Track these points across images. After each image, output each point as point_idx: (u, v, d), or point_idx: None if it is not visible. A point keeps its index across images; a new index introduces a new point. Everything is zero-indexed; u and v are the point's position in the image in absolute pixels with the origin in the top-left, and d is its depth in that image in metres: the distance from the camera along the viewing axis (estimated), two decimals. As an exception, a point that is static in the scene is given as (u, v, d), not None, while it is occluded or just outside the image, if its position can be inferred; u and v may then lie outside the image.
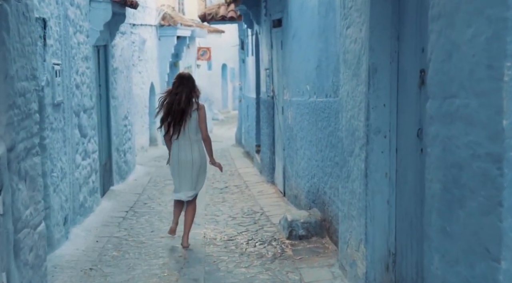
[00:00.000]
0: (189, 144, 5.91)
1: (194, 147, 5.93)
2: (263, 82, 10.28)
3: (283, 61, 8.06)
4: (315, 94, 6.21)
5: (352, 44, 4.31)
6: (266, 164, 9.97)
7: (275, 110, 9.15)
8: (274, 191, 8.97)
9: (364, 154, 4.07)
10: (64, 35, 6.37)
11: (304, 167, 6.84)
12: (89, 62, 7.70)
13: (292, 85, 7.47)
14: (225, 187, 9.82)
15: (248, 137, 13.47)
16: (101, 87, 8.94)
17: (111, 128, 9.50)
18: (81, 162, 7.15)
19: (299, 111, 7.00)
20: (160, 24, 17.27)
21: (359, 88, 4.16)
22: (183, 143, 5.91)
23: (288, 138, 7.89)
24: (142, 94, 15.53)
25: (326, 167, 5.78)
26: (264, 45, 9.82)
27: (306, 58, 6.59)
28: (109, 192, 9.09)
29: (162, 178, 10.98)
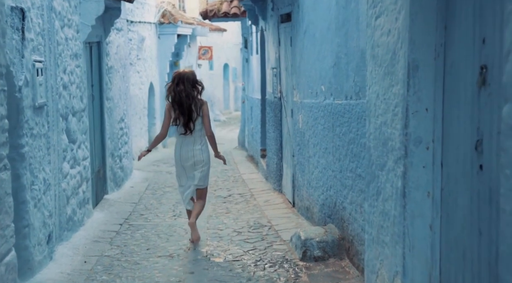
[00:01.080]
0: (192, 139, 6.01)
1: (197, 142, 6.03)
2: (269, 82, 9.56)
3: (293, 59, 7.34)
4: (331, 95, 5.48)
5: (384, 36, 3.59)
6: (273, 170, 9.25)
7: (282, 112, 8.43)
8: (282, 200, 8.25)
9: (401, 168, 3.35)
10: (48, 29, 5.66)
11: (318, 177, 6.12)
12: (79, 60, 6.98)
13: (303, 85, 6.75)
14: (228, 195, 9.10)
15: (252, 141, 12.75)
16: (93, 87, 8.22)
17: (105, 132, 8.79)
18: (70, 170, 6.43)
19: (312, 114, 6.28)
20: (160, 22, 16.55)
21: (393, 89, 3.44)
22: (187, 138, 6.02)
23: (298, 144, 7.17)
24: (140, 94, 14.81)
25: (346, 178, 5.06)
26: (271, 42, 9.10)
27: (320, 56, 5.87)
28: (102, 202, 8.37)
29: (161, 185, 10.27)
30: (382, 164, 3.67)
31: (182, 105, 5.92)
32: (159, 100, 16.74)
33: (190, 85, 5.93)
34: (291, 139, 7.77)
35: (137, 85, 14.54)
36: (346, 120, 5.02)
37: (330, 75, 5.51)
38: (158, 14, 16.45)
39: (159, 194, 9.36)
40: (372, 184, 3.91)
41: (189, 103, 5.90)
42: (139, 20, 14.75)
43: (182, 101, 5.90)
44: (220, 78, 27.79)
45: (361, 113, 4.58)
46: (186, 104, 5.90)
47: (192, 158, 6.05)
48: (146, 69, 15.37)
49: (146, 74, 15.32)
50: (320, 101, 5.91)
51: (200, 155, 6.07)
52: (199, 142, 6.07)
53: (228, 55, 28.31)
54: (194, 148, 6.04)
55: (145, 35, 15.09)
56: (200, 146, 6.06)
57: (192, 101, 5.92)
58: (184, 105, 5.91)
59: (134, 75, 14.33)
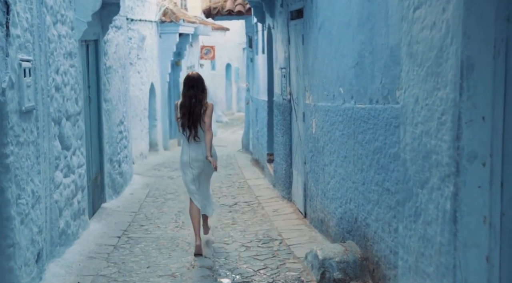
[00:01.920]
0: (200, 142, 6.03)
1: (202, 146, 6.03)
2: (277, 83, 9.01)
3: (305, 58, 6.79)
4: (352, 99, 4.93)
5: (426, 30, 3.04)
6: (281, 176, 8.70)
7: (292, 116, 7.88)
8: (292, 210, 7.70)
9: (450, 188, 2.80)
10: (38, 25, 5.11)
11: (335, 188, 5.57)
12: (74, 59, 6.44)
13: (317, 87, 6.20)
14: (234, 203, 8.55)
15: (257, 144, 12.20)
16: (90, 89, 7.67)
17: (103, 136, 8.24)
18: (63, 180, 5.89)
19: (328, 119, 5.73)
20: (161, 20, 16.00)
21: (440, 93, 2.89)
22: (195, 141, 6.03)
23: (311, 151, 6.62)
24: (141, 96, 14.28)
25: (370, 192, 4.51)
26: (280, 41, 8.55)
27: (339, 54, 5.32)
28: (100, 211, 7.83)
29: (162, 191, 9.72)
30: (423, 181, 3.12)
31: (190, 110, 5.96)
32: (160, 101, 16.19)
33: (200, 90, 5.99)
34: (302, 145, 7.22)
35: (138, 86, 14.00)
36: (370, 127, 4.46)
37: (350, 76, 4.96)
38: (159, 12, 15.91)
39: (160, 202, 8.81)
40: (408, 202, 3.36)
41: (197, 110, 5.94)
42: (140, 18, 14.21)
43: (192, 107, 5.96)
44: (222, 78, 27.25)
45: (390, 120, 4.03)
46: (194, 111, 5.95)
47: (202, 161, 6.06)
48: (147, 69, 14.83)
49: (146, 75, 14.77)
50: (338, 105, 5.36)
51: (203, 160, 6.07)
52: (205, 148, 6.03)
53: (231, 55, 27.77)
54: (199, 154, 6.05)
55: (146, 34, 14.55)
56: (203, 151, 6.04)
57: (200, 107, 5.96)
58: (192, 110, 5.95)
59: (134, 76, 13.78)
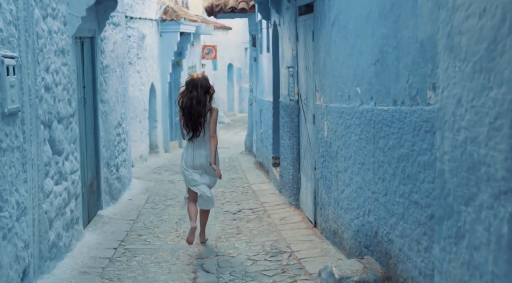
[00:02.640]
0: (203, 144, 6.09)
1: (206, 147, 6.10)
2: (283, 83, 8.53)
3: (316, 56, 6.31)
4: (372, 100, 4.45)
5: (474, 19, 2.57)
6: (288, 181, 8.22)
7: (301, 117, 7.40)
8: (301, 218, 7.21)
9: (508, 208, 2.33)
10: (25, 18, 4.64)
11: (350, 197, 5.09)
12: (66, 57, 5.97)
13: (330, 87, 5.72)
14: (238, 210, 8.07)
15: (261, 147, 11.72)
16: (85, 89, 7.20)
17: (99, 140, 7.76)
18: (54, 187, 5.41)
19: (343, 121, 5.25)
20: (162, 19, 15.54)
21: (492, 93, 2.42)
22: (198, 144, 6.10)
23: (322, 156, 6.14)
24: (141, 96, 13.81)
25: (394, 204, 4.02)
26: (287, 38, 8.07)
27: (356, 51, 4.84)
28: (96, 219, 7.35)
29: (162, 196, 9.24)
30: (468, 197, 2.64)
31: (191, 111, 5.98)
32: (161, 102, 15.72)
33: (203, 91, 5.99)
34: (312, 149, 6.74)
35: (137, 86, 13.54)
36: (394, 131, 3.98)
37: (370, 75, 4.47)
38: (160, 10, 15.44)
39: (160, 209, 8.33)
40: (447, 221, 2.88)
41: (199, 110, 5.96)
42: (139, 16, 13.75)
43: (192, 107, 5.97)
44: (224, 78, 26.78)
45: (420, 124, 3.55)
46: (195, 111, 5.97)
47: (201, 167, 6.12)
48: (147, 69, 14.36)
49: (146, 75, 14.31)
50: (355, 106, 4.88)
51: (207, 164, 6.12)
52: (207, 148, 6.11)
53: (233, 55, 27.32)
54: (206, 154, 6.11)
55: (146, 32, 14.09)
56: (206, 152, 6.12)
57: (202, 108, 5.98)
58: (193, 111, 5.97)
59: (134, 76, 13.32)
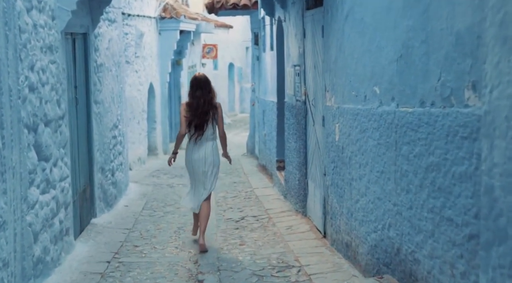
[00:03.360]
0: (205, 142, 6.19)
1: (208, 145, 6.20)
2: (289, 83, 8.04)
3: (326, 53, 5.82)
4: (393, 100, 3.96)
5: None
6: (294, 187, 7.74)
7: (308, 119, 6.92)
8: (309, 227, 6.72)
9: None
10: (4, 10, 4.15)
11: (367, 208, 4.60)
12: (55, 54, 5.48)
13: (342, 86, 5.24)
14: (241, 218, 7.58)
15: (264, 149, 11.23)
16: (77, 89, 6.71)
17: (92, 143, 7.28)
18: (40, 197, 4.92)
19: (358, 124, 4.76)
20: (161, 16, 15.06)
21: None
22: (200, 141, 6.17)
23: (333, 161, 5.65)
24: (139, 96, 13.32)
25: (422, 220, 3.53)
26: (292, 35, 7.58)
27: (374, 46, 4.35)
28: (88, 228, 6.86)
29: (160, 202, 8.76)
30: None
31: (198, 109, 6.07)
32: (160, 103, 15.24)
33: (207, 90, 6.10)
34: (321, 153, 6.25)
35: (135, 86, 13.05)
36: (422, 137, 3.49)
37: (391, 73, 3.98)
38: (159, 8, 14.96)
39: (158, 216, 7.84)
40: (498, 247, 2.39)
41: (206, 109, 6.07)
42: (138, 13, 13.27)
43: (199, 106, 6.06)
44: (225, 78, 26.26)
45: (455, 129, 3.06)
46: (202, 109, 6.06)
47: (204, 159, 6.19)
48: (146, 68, 13.88)
49: (145, 74, 13.82)
50: (372, 108, 4.39)
51: (211, 156, 6.21)
52: (211, 145, 6.23)
53: (233, 54, 26.82)
54: (206, 151, 6.19)
55: (144, 30, 13.60)
56: (211, 149, 6.22)
57: (209, 106, 6.09)
58: (200, 110, 6.06)
59: (132, 75, 12.84)
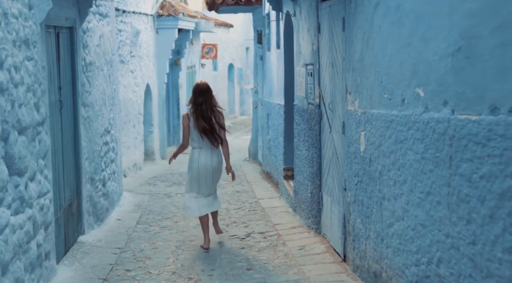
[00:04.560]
0: (210, 149, 6.26)
1: (214, 151, 6.29)
2: (299, 84, 7.24)
3: (348, 49, 5.03)
4: (446, 105, 3.16)
5: None
6: (305, 200, 6.94)
7: (323, 125, 6.12)
8: (325, 248, 5.91)
9: None
10: (-39, -8, 3.35)
11: (405, 235, 3.80)
12: (32, 49, 4.68)
13: (370, 87, 4.44)
14: (247, 234, 6.78)
15: (269, 155, 10.43)
16: (62, 90, 5.91)
17: (80, 151, 6.47)
18: (11, 219, 4.11)
19: (392, 133, 3.96)
20: (158, 14, 14.27)
21: None
22: (205, 148, 6.25)
23: (357, 175, 4.85)
24: (135, 98, 12.52)
25: (493, 261, 2.73)
26: (304, 30, 6.79)
27: (416, 38, 3.55)
28: (75, 248, 6.06)
29: (157, 215, 7.95)
30: None
31: (202, 117, 6.15)
32: (157, 105, 14.43)
33: (209, 97, 6.18)
34: (340, 164, 5.45)
35: (131, 87, 12.25)
36: (494, 153, 2.69)
37: (442, 70, 3.18)
38: (156, 4, 14.17)
39: (153, 232, 7.03)
40: None
41: (210, 116, 6.16)
42: (133, 10, 12.47)
43: (203, 113, 6.15)
44: (224, 79, 25.44)
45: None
46: (207, 116, 6.15)
47: (211, 167, 6.26)
48: (142, 68, 13.08)
49: (141, 75, 13.02)
50: (414, 114, 3.59)
51: (218, 163, 6.32)
52: (216, 152, 6.31)
53: (233, 54, 26.01)
54: (212, 158, 6.27)
55: (140, 28, 12.80)
56: (217, 156, 6.31)
57: (212, 113, 6.17)
58: (204, 117, 6.14)
59: (127, 76, 12.04)
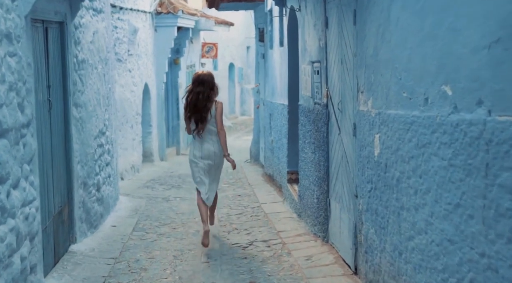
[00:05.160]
0: (210, 138, 6.31)
1: (214, 140, 6.32)
2: (305, 82, 6.84)
3: (360, 44, 4.63)
4: (480, 104, 2.75)
5: None
6: (311, 205, 6.54)
7: (331, 126, 5.72)
8: (333, 259, 5.51)
9: None
10: None
11: (428, 251, 3.39)
12: (15, 44, 4.28)
13: (386, 85, 4.04)
14: (249, 243, 6.37)
15: (271, 157, 10.03)
16: (51, 89, 5.51)
17: (72, 154, 6.07)
18: (-10, 232, 3.72)
19: (412, 136, 3.56)
20: (157, 11, 13.86)
21: None
22: (205, 137, 6.29)
23: (370, 181, 4.45)
24: (133, 98, 12.11)
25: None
26: (310, 26, 6.39)
27: (442, 29, 3.15)
28: (65, 258, 5.66)
29: (155, 221, 7.55)
30: None
31: (196, 105, 6.19)
32: (156, 105, 14.02)
33: (208, 87, 6.21)
34: (351, 169, 5.05)
35: (128, 86, 11.84)
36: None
37: (476, 64, 2.78)
38: (155, 2, 13.75)
39: (150, 240, 6.63)
40: None
41: (204, 104, 6.16)
42: (131, 7, 12.06)
43: (198, 101, 6.18)
44: (225, 79, 25.01)
45: None
46: (201, 104, 6.17)
47: (208, 158, 6.32)
48: (140, 67, 12.66)
49: (139, 74, 12.61)
50: (439, 115, 3.18)
51: (217, 154, 6.33)
52: (217, 141, 6.32)
53: (234, 54, 25.61)
54: (210, 149, 6.31)
55: (139, 26, 12.39)
56: (218, 145, 6.32)
57: (207, 102, 6.18)
58: (198, 104, 6.17)
59: (125, 75, 11.64)
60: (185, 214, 7.93)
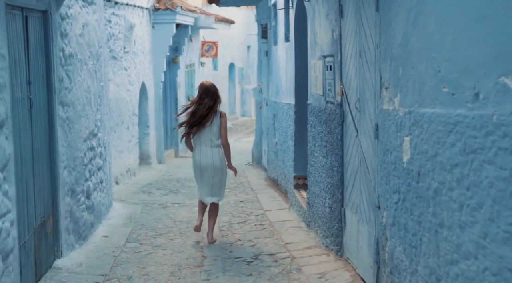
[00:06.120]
0: (210, 148, 6.30)
1: (215, 151, 6.31)
2: (315, 79, 6.23)
3: (384, 33, 4.02)
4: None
5: None
6: (322, 215, 5.92)
7: (347, 128, 5.11)
8: (350, 276, 4.88)
9: None
10: None
11: (479, 279, 2.77)
12: (-15, 32, 3.66)
13: (419, 79, 3.42)
14: (254, 256, 5.75)
15: (275, 160, 9.42)
16: (32, 86, 4.88)
17: (57, 158, 5.45)
18: (-51, 253, 3.10)
19: (455, 140, 2.94)
20: (154, 7, 13.25)
21: None
22: (205, 147, 6.30)
23: (396, 191, 3.83)
24: (129, 98, 11.50)
25: None
26: (323, 16, 5.78)
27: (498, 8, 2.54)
28: (49, 275, 5.04)
29: (150, 230, 6.94)
30: None
31: (202, 117, 6.24)
32: (154, 105, 13.40)
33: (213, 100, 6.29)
34: (371, 176, 4.43)
35: (124, 86, 11.23)
36: None
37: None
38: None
39: (145, 253, 6.00)
40: None
41: (205, 113, 6.21)
42: (127, 2, 11.45)
43: (199, 111, 6.24)
44: (225, 79, 24.42)
45: None
46: (202, 113, 6.23)
47: (211, 166, 6.28)
48: (137, 65, 12.05)
49: (136, 72, 11.99)
50: (497, 114, 2.57)
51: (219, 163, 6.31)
52: (217, 152, 6.30)
53: (234, 53, 25.02)
54: (214, 157, 6.28)
55: (135, 22, 11.78)
56: (218, 155, 6.30)
57: (210, 111, 6.23)
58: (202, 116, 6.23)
59: (120, 73, 11.02)
60: (183, 222, 7.32)
